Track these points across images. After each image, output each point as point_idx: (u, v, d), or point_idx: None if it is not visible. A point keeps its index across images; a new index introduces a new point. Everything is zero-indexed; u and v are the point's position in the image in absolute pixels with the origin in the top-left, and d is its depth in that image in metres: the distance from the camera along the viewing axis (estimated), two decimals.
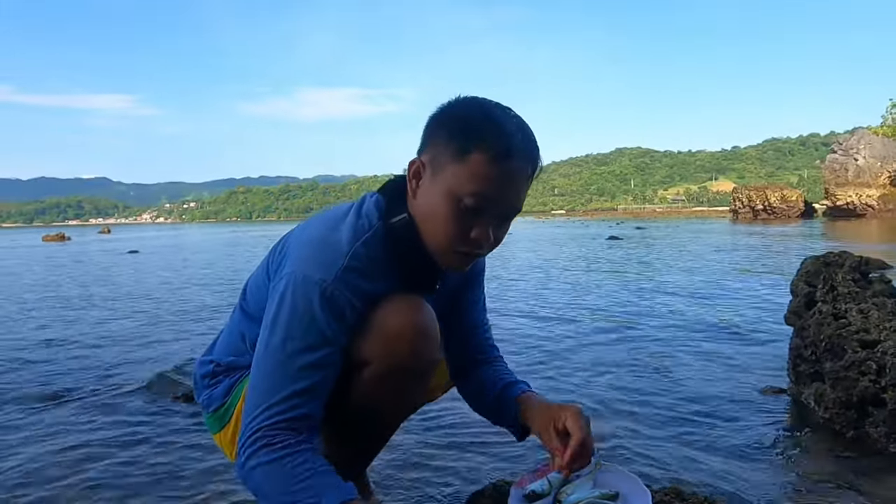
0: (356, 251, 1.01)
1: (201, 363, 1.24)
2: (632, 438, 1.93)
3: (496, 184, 0.98)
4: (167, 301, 5.61)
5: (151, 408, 2.31)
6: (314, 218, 1.13)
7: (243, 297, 1.20)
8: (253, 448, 0.92)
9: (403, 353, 1.03)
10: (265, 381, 0.96)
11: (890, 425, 1.81)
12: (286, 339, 0.96)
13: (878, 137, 33.64)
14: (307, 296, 0.97)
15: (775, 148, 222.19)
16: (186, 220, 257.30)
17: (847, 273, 2.39)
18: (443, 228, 1.01)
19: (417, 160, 1.04)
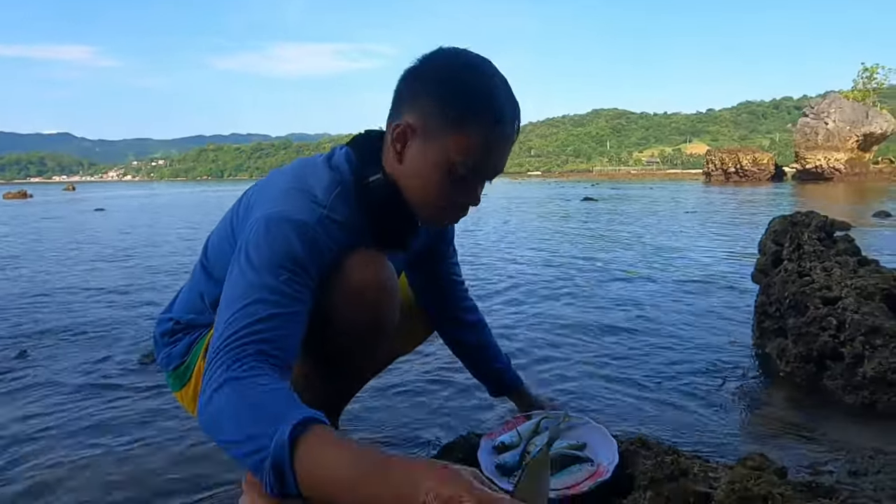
0: (333, 202, 0.99)
1: (160, 321, 1.22)
2: (597, 391, 1.98)
3: (490, 153, 1.00)
4: (134, 259, 5.50)
5: (118, 368, 2.28)
6: (277, 173, 1.09)
7: (204, 256, 1.17)
8: (211, 374, 0.80)
9: (364, 308, 1.03)
10: (231, 317, 0.85)
11: (846, 378, 1.88)
12: (261, 268, 0.88)
13: (848, 102, 34.14)
14: (285, 230, 0.92)
15: (749, 111, 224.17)
16: (155, 178, 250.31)
17: (813, 232, 2.44)
18: (435, 195, 1.02)
19: (403, 124, 1.00)
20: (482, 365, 1.52)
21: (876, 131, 32.76)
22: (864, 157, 33.13)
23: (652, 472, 1.09)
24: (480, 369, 1.53)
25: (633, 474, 1.14)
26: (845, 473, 1.39)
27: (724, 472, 1.06)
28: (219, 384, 0.78)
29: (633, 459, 1.18)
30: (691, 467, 1.07)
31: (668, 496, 1.00)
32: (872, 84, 38.45)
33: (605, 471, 1.14)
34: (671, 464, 1.09)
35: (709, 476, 1.05)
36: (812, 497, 1.19)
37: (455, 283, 1.42)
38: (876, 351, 1.84)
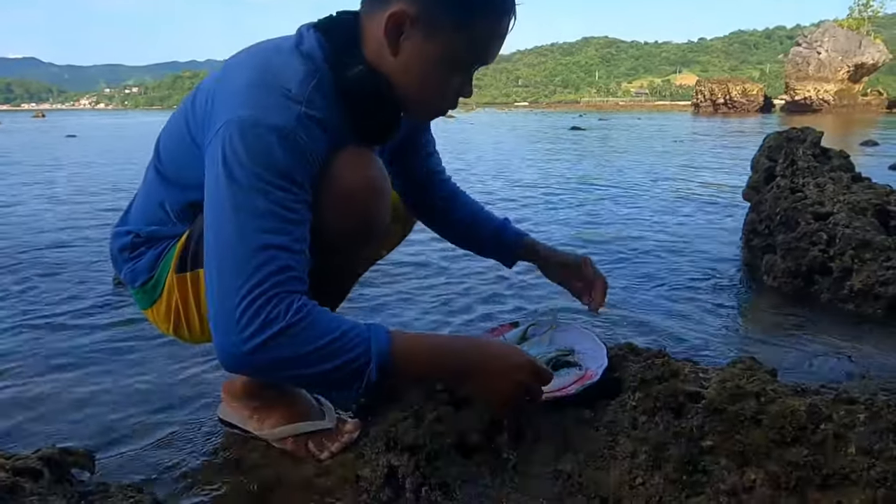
0: (310, 97, 0.88)
1: (116, 235, 1.11)
2: (580, 308, 1.95)
3: (494, 45, 0.97)
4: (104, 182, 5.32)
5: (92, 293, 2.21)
6: (237, 60, 0.96)
7: (157, 160, 1.05)
8: (262, 318, 0.80)
9: (355, 210, 0.95)
10: (236, 243, 0.82)
11: (833, 292, 1.88)
12: (252, 191, 0.82)
13: (842, 30, 33.45)
14: (263, 139, 0.83)
15: (741, 41, 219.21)
16: (129, 106, 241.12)
17: (808, 148, 2.38)
18: (436, 90, 0.98)
19: (399, 12, 0.89)
20: (480, 234, 1.39)
21: (868, 62, 32.34)
22: (854, 89, 32.86)
23: (641, 373, 1.06)
24: (480, 240, 1.40)
25: (622, 377, 1.11)
26: (834, 374, 1.40)
27: (715, 373, 1.03)
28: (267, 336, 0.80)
29: (621, 363, 1.16)
30: (681, 369, 1.04)
31: (658, 396, 0.98)
32: (868, 12, 37.59)
33: (594, 374, 1.12)
34: (661, 366, 1.06)
35: (699, 377, 1.02)
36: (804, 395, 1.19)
37: (434, 173, 1.34)
38: (865, 264, 1.83)
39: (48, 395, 1.36)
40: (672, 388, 0.99)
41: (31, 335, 1.71)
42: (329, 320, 0.84)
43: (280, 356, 0.81)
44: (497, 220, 1.39)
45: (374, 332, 0.86)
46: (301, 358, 0.82)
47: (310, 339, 0.82)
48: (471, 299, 2.02)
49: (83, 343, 1.66)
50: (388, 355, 0.85)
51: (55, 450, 0.83)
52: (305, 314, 0.82)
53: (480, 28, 0.93)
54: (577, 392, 1.08)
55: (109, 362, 1.54)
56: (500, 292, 2.09)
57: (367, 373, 0.84)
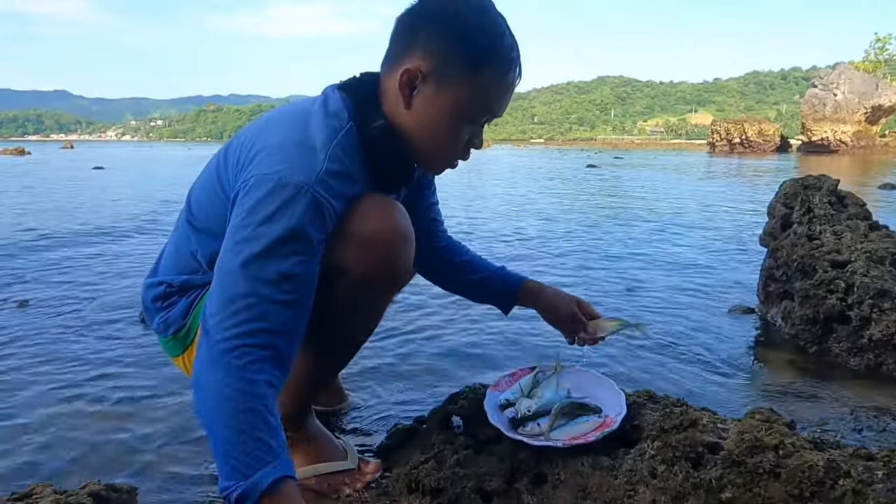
0: (333, 153, 0.95)
1: (148, 286, 1.16)
2: (597, 354, 1.97)
3: (502, 95, 1.02)
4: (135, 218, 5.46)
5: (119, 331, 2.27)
6: (271, 119, 1.04)
7: (189, 212, 1.11)
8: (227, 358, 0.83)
9: (380, 256, 0.99)
10: (233, 286, 0.87)
11: (852, 341, 1.88)
12: (261, 243, 0.87)
13: (858, 73, 33.54)
14: (285, 198, 0.89)
15: (756, 81, 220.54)
16: (153, 138, 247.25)
17: (824, 196, 2.40)
18: (447, 140, 1.03)
19: (413, 68, 0.97)
20: (474, 278, 1.39)
21: (885, 104, 32.29)
22: (871, 130, 32.74)
23: (660, 422, 1.08)
24: (475, 285, 1.40)
25: (641, 425, 1.13)
26: (850, 431, 1.39)
27: (733, 424, 1.05)
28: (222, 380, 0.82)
29: (639, 411, 1.17)
30: (700, 418, 1.06)
31: (677, 446, 1.00)
32: (884, 55, 37.75)
33: (613, 422, 1.13)
34: (680, 414, 1.08)
35: (718, 427, 1.04)
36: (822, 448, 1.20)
37: (434, 222, 1.37)
38: (884, 314, 1.83)
39: (87, 425, 1.41)
40: (691, 438, 1.01)
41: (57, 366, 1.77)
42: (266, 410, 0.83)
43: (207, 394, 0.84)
44: (495, 266, 1.42)
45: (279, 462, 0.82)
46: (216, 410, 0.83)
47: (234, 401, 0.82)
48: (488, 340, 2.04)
49: (117, 375, 1.71)
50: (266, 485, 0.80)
51: (101, 486, 0.87)
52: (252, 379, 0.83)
53: (487, 80, 0.98)
54: (596, 440, 1.10)
55: (146, 397, 1.58)
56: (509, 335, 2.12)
57: (231, 486, 0.80)
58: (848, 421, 1.45)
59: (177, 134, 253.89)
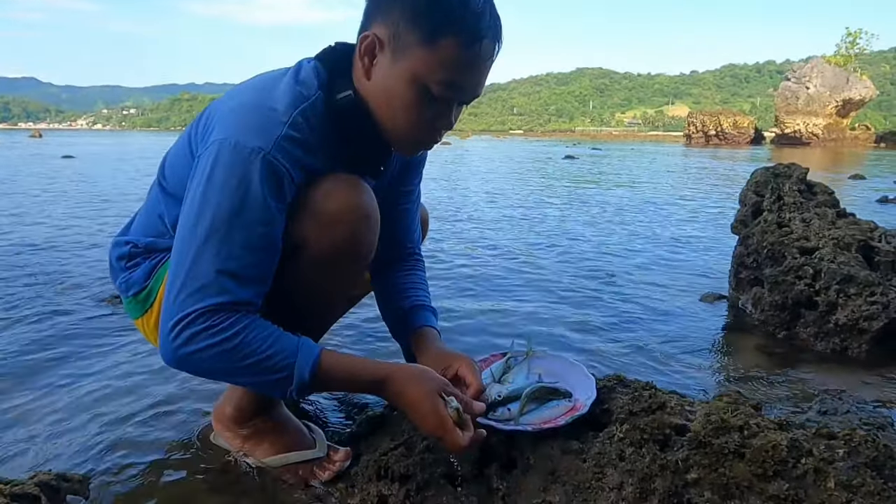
0: (295, 119, 0.92)
1: (116, 244, 1.14)
2: (572, 341, 1.98)
3: (466, 70, 0.93)
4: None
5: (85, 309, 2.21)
6: (242, 84, 1.02)
7: (161, 175, 1.09)
8: (190, 332, 0.85)
9: (342, 236, 0.96)
10: (194, 258, 0.87)
11: (819, 326, 1.91)
12: (216, 214, 0.87)
13: (830, 67, 34.21)
14: (241, 164, 0.87)
15: (732, 74, 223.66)
16: (127, 127, 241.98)
17: (794, 184, 2.44)
18: (405, 115, 0.96)
19: (371, 35, 0.93)
20: (396, 307, 1.26)
21: (855, 97, 33.03)
22: (842, 123, 33.47)
23: (629, 405, 1.08)
24: (393, 315, 1.27)
25: (611, 409, 1.13)
26: (815, 412, 1.42)
27: (700, 406, 1.05)
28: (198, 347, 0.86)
29: (609, 395, 1.17)
30: (668, 401, 1.07)
31: (645, 429, 1.00)
32: (855, 49, 38.53)
33: (583, 406, 1.13)
34: (648, 398, 1.08)
35: (685, 409, 1.04)
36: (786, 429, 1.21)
37: (405, 213, 1.28)
38: (849, 299, 1.87)
39: (34, 412, 1.37)
40: (659, 421, 1.01)
41: (17, 348, 1.71)
42: (260, 340, 0.88)
43: (204, 368, 0.89)
44: (418, 301, 1.25)
45: (301, 356, 0.90)
46: (224, 371, 0.90)
47: (234, 358, 0.87)
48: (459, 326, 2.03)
49: (71, 360, 1.66)
50: (308, 378, 0.90)
51: (51, 475, 0.84)
52: (234, 334, 0.86)
53: (447, 51, 0.89)
54: (566, 423, 1.10)
55: (101, 382, 1.54)
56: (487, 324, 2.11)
57: (289, 390, 0.90)
58: (813, 403, 1.47)
59: (150, 123, 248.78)
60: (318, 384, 0.92)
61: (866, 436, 0.86)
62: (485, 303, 2.35)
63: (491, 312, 2.23)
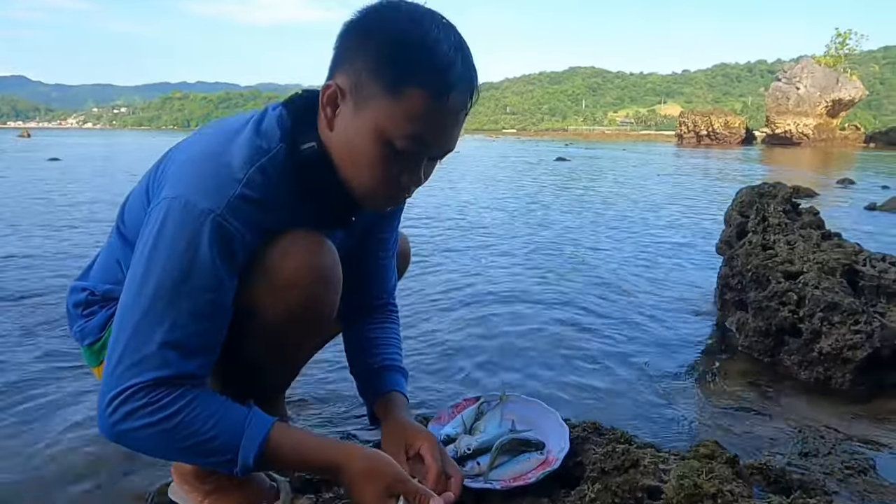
0: (251, 177, 0.87)
1: (73, 290, 1.09)
2: (554, 364, 1.94)
3: (434, 124, 0.86)
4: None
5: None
6: (205, 129, 0.97)
7: (121, 220, 1.04)
8: (128, 408, 0.80)
9: (297, 300, 0.91)
10: (136, 326, 0.82)
11: (802, 354, 1.88)
12: (161, 280, 0.82)
13: (820, 67, 34.43)
14: (191, 226, 0.82)
15: (724, 73, 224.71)
16: (117, 126, 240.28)
17: (779, 204, 2.41)
18: (369, 172, 0.89)
19: (333, 84, 0.88)
20: (365, 363, 1.19)
21: (845, 98, 33.26)
22: (832, 124, 33.70)
23: (601, 462, 1.04)
24: (361, 372, 1.20)
25: (584, 462, 1.09)
26: (796, 454, 1.38)
27: (675, 464, 1.02)
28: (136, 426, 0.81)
29: (583, 446, 1.14)
30: (642, 458, 1.03)
31: (616, 490, 0.96)
32: (844, 50, 38.78)
33: (555, 460, 1.10)
34: (622, 454, 1.05)
35: (659, 468, 1.01)
36: (763, 482, 1.18)
37: (379, 263, 1.22)
38: (833, 328, 1.84)
39: None
40: (631, 482, 0.97)
41: None
42: (203, 419, 0.83)
43: (143, 446, 0.84)
44: (388, 361, 1.18)
45: (247, 438, 0.84)
46: (165, 450, 0.85)
47: (175, 438, 0.82)
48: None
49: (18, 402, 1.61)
50: (253, 464, 0.85)
51: None
52: (174, 412, 0.81)
53: (413, 100, 0.83)
54: (536, 479, 1.06)
55: (48, 429, 1.48)
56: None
57: (234, 471, 0.85)
58: (795, 442, 1.44)
59: (141, 122, 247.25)
60: (265, 466, 0.87)
61: None
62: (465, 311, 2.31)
63: (470, 340, 2.19)
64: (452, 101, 0.85)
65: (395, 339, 1.22)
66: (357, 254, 1.18)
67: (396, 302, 1.28)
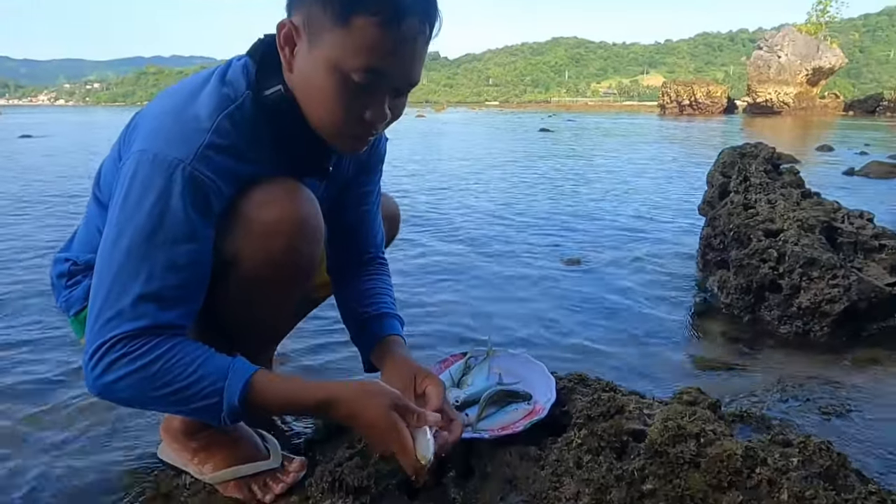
0: (220, 125, 0.85)
1: (56, 261, 1.08)
2: (538, 325, 1.96)
3: (389, 53, 0.82)
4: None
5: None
6: (170, 87, 0.95)
7: (97, 185, 1.02)
8: (108, 360, 0.80)
9: (279, 249, 0.90)
10: (112, 281, 0.81)
11: (782, 309, 1.92)
12: (135, 233, 0.81)
13: (801, 35, 34.43)
14: (160, 178, 0.81)
15: (706, 42, 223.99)
16: (91, 102, 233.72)
17: (760, 164, 2.43)
18: (329, 108, 0.86)
19: (287, 22, 0.85)
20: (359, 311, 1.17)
21: (825, 66, 33.37)
22: (812, 92, 33.87)
23: (587, 409, 1.06)
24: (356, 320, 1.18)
25: (570, 411, 1.11)
26: (776, 401, 1.42)
27: (659, 408, 1.04)
28: (117, 376, 0.80)
29: (570, 396, 1.16)
30: (627, 404, 1.05)
31: (602, 435, 0.98)
32: (825, 17, 38.78)
33: (542, 409, 1.11)
34: (607, 401, 1.06)
35: (644, 413, 1.03)
36: (742, 424, 1.21)
37: (366, 216, 1.20)
38: (812, 282, 1.87)
39: None
40: (616, 427, 0.99)
41: None
42: (184, 365, 0.82)
43: (126, 397, 0.83)
44: (385, 308, 1.17)
45: (231, 380, 0.83)
46: (150, 399, 0.84)
47: (155, 385, 0.81)
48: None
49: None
50: (239, 404, 0.83)
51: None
52: (153, 359, 0.80)
53: (364, 30, 0.79)
54: (524, 428, 1.08)
55: (44, 398, 1.47)
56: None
57: (221, 417, 0.84)
58: (775, 391, 1.48)
59: (116, 98, 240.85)
60: (253, 410, 0.85)
61: (821, 443, 0.85)
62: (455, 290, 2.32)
63: (458, 307, 2.20)
64: (406, 29, 0.81)
65: (388, 290, 1.21)
66: (340, 208, 1.16)
67: (385, 256, 1.27)
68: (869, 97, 35.63)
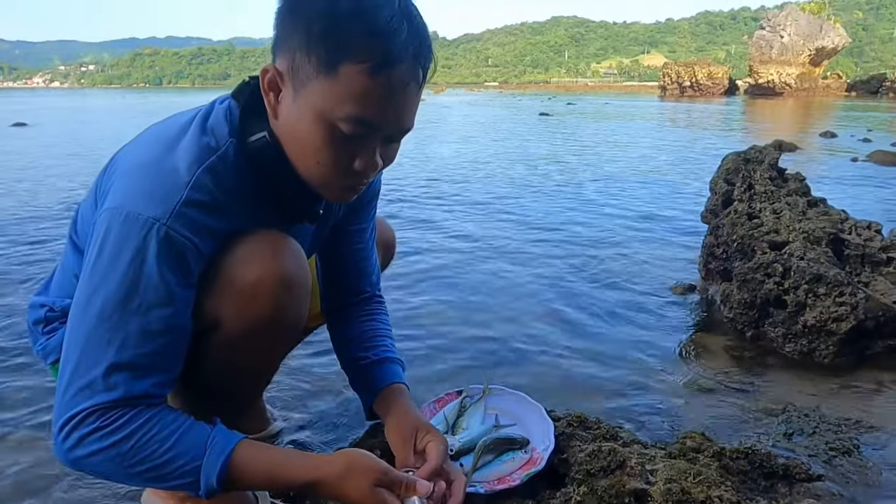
0: (199, 179, 0.79)
1: (32, 306, 1.03)
2: (538, 341, 1.92)
3: (379, 103, 0.77)
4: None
5: None
6: (149, 132, 0.89)
7: (73, 230, 0.97)
8: (79, 434, 0.75)
9: (264, 309, 0.85)
10: (83, 347, 0.76)
11: (787, 326, 1.87)
12: (107, 298, 0.76)
13: (804, 14, 34.01)
14: (134, 240, 0.76)
15: (707, 21, 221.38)
16: (86, 84, 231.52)
17: (765, 171, 2.37)
18: (316, 159, 0.81)
19: (271, 67, 0.79)
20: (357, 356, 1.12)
21: (828, 45, 33.02)
22: (815, 73, 33.55)
23: (587, 463, 1.02)
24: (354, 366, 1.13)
25: (569, 460, 1.07)
26: (781, 435, 1.38)
27: (662, 463, 1.00)
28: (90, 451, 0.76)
29: (569, 443, 1.11)
30: (629, 458, 1.01)
31: (603, 495, 0.94)
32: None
33: (540, 459, 1.07)
34: (608, 454, 1.02)
35: (646, 469, 0.98)
36: (749, 467, 1.17)
37: (359, 255, 1.15)
38: (818, 300, 1.82)
39: None
40: (617, 486, 0.95)
41: None
42: (160, 441, 0.77)
43: (101, 472, 0.79)
44: (385, 353, 1.12)
45: (209, 458, 0.78)
46: (125, 476, 0.78)
47: (131, 462, 0.77)
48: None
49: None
50: (217, 486, 0.78)
51: None
52: (127, 435, 0.75)
53: (351, 78, 0.75)
54: (521, 481, 1.04)
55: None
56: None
57: (199, 493, 0.79)
58: (779, 423, 1.43)
59: (111, 80, 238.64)
60: (234, 487, 0.80)
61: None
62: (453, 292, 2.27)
63: (451, 336, 2.15)
64: (397, 76, 0.76)
65: (387, 331, 1.17)
66: (333, 248, 1.12)
67: (382, 294, 1.22)
68: (872, 77, 35.30)
